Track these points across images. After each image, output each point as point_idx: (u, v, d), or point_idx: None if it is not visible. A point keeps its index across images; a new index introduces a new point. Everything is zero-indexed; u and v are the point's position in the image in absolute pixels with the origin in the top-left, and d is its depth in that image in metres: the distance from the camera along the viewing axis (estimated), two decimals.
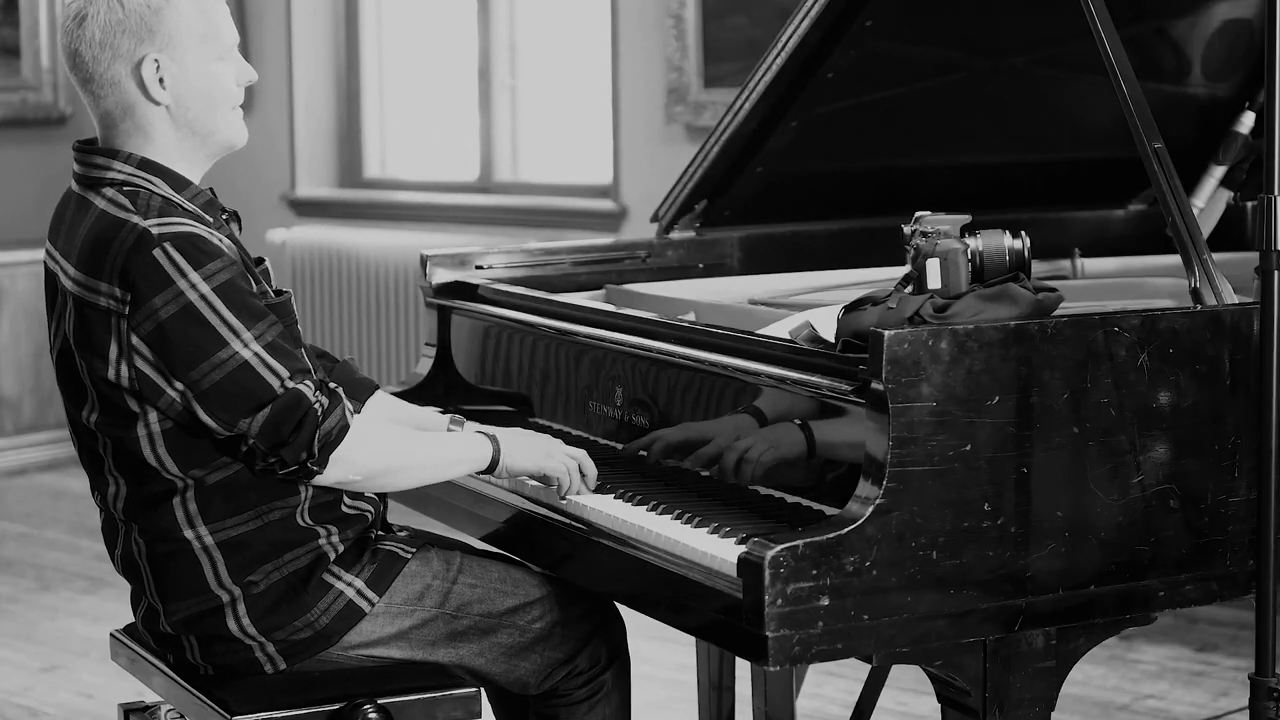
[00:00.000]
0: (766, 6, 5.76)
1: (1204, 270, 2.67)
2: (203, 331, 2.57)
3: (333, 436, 2.61)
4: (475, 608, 2.80)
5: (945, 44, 3.41)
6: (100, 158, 2.69)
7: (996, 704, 2.51)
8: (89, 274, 2.62)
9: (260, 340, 2.59)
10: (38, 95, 7.72)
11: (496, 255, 3.49)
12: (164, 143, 2.69)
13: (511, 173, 6.93)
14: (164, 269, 2.57)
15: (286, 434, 2.58)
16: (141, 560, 2.73)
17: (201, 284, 2.57)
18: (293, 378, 2.59)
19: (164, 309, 2.57)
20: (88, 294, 2.62)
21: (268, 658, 2.73)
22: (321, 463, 2.61)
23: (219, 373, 2.57)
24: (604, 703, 2.86)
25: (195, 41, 2.67)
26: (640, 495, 2.78)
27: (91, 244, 2.63)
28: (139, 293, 2.57)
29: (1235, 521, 2.61)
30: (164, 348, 2.58)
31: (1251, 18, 3.57)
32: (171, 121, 2.69)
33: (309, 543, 2.71)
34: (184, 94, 2.68)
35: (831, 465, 2.58)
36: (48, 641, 5.07)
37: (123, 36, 2.64)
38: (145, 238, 2.58)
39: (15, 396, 7.22)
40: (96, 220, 2.64)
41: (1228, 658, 4.72)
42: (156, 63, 2.65)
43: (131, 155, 2.68)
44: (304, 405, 2.58)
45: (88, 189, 2.70)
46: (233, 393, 2.57)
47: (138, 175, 2.67)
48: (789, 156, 3.50)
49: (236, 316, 2.58)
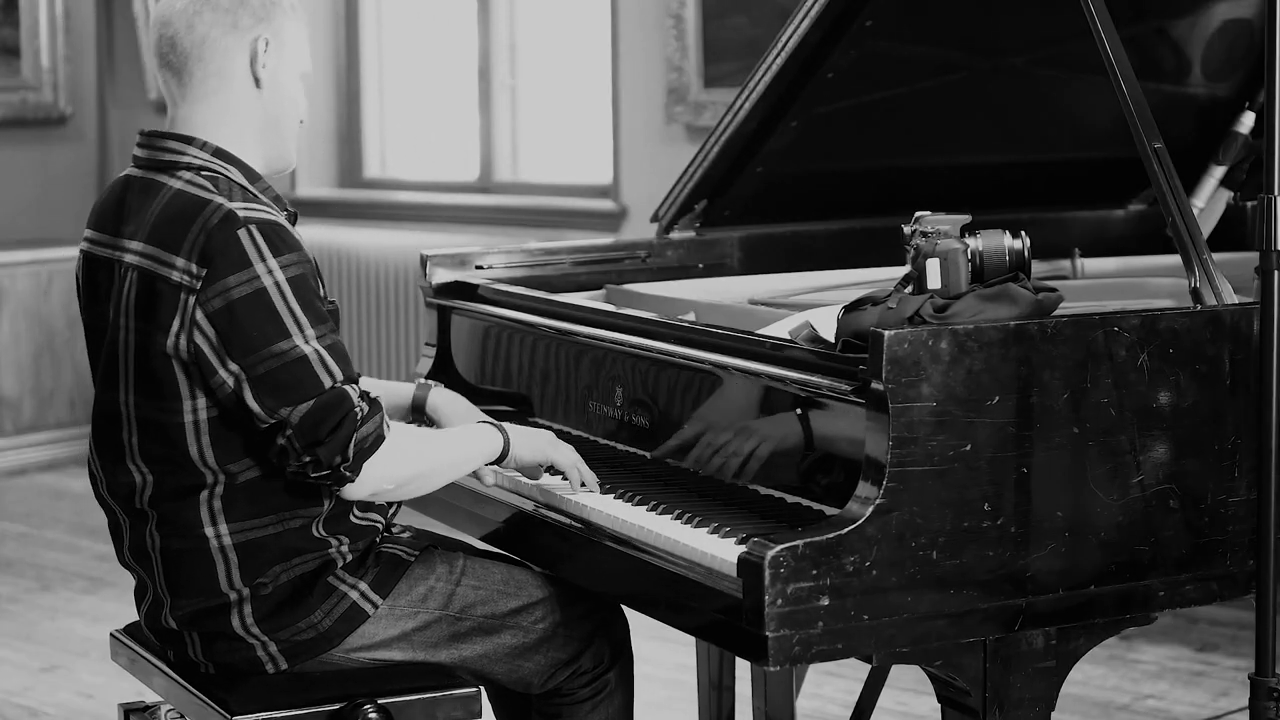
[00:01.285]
0: (766, 6, 5.76)
1: (1204, 270, 2.67)
2: (270, 319, 2.58)
3: (368, 444, 2.61)
4: (478, 609, 2.80)
5: (945, 44, 3.41)
6: (174, 143, 2.72)
7: (996, 704, 2.51)
8: (163, 248, 2.63)
9: (321, 340, 2.61)
10: (38, 95, 7.72)
11: (496, 255, 3.49)
12: (243, 127, 2.74)
13: (511, 173, 6.93)
14: (245, 250, 2.59)
15: (324, 432, 2.58)
16: (154, 553, 2.73)
17: (278, 271, 2.60)
18: (344, 381, 2.61)
19: (237, 289, 2.58)
20: (159, 267, 2.63)
21: (270, 657, 2.73)
22: (355, 469, 2.61)
23: (276, 361, 2.58)
24: (607, 701, 2.87)
25: (294, 49, 2.77)
26: (640, 495, 2.78)
27: (169, 219, 2.64)
28: (215, 269, 2.58)
29: (1235, 521, 2.61)
30: (228, 327, 2.58)
31: (1251, 18, 3.57)
32: (261, 107, 2.74)
33: (320, 551, 2.72)
34: (277, 89, 2.75)
35: (831, 465, 2.58)
36: (48, 641, 5.07)
37: (244, 10, 2.71)
38: (231, 217, 2.60)
39: (15, 396, 7.22)
40: (174, 198, 2.66)
41: (1228, 658, 4.72)
42: (266, 42, 2.72)
43: (206, 144, 2.72)
44: (346, 405, 2.59)
45: (157, 172, 2.71)
46: (285, 382, 2.58)
47: (214, 162, 2.71)
48: (789, 156, 3.50)
49: (304, 312, 2.60)
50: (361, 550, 2.76)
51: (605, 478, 2.86)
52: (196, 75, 2.72)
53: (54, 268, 7.30)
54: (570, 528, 2.80)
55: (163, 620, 2.77)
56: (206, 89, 2.73)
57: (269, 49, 2.72)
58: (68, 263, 7.35)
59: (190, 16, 2.71)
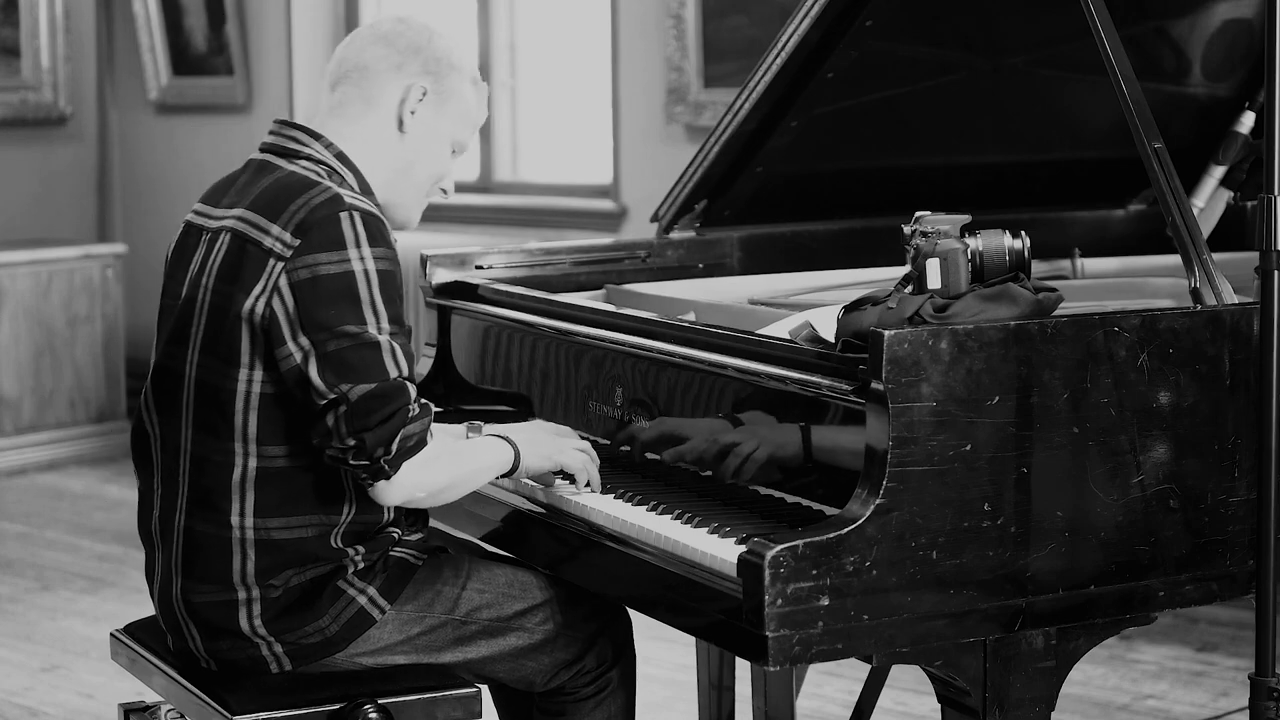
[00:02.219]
0: (766, 6, 5.76)
1: (1204, 270, 2.67)
2: (350, 302, 2.62)
3: (411, 443, 2.62)
4: (484, 613, 2.80)
5: (945, 44, 3.41)
6: (303, 134, 2.79)
7: (996, 704, 2.51)
8: (264, 215, 2.67)
9: (395, 338, 2.64)
10: (38, 95, 7.72)
11: (496, 255, 3.49)
12: (373, 157, 2.79)
13: (511, 173, 6.93)
14: (343, 232, 2.63)
15: (376, 420, 2.59)
16: (178, 530, 2.74)
17: (370, 260, 2.63)
18: (409, 378, 2.64)
19: (327, 265, 2.62)
20: (254, 231, 2.67)
21: (274, 657, 2.73)
22: (395, 465, 2.62)
23: (348, 341, 2.61)
24: (610, 700, 2.87)
25: (455, 115, 2.83)
26: (640, 495, 2.78)
27: (275, 192, 2.69)
28: (309, 242, 2.62)
29: (1235, 521, 2.61)
30: (310, 300, 2.61)
31: (1251, 18, 3.57)
32: (395, 150, 2.81)
33: (336, 560, 2.73)
34: (419, 136, 2.81)
35: (831, 465, 2.58)
36: (48, 641, 5.07)
37: (416, 59, 2.79)
38: (337, 199, 2.66)
39: (15, 396, 7.22)
40: (285, 177, 2.72)
41: (1228, 658, 4.72)
42: (424, 91, 2.78)
43: (333, 145, 2.78)
44: (403, 399, 2.61)
45: (277, 156, 2.77)
46: (352, 362, 2.60)
47: (333, 163, 2.76)
48: (789, 156, 3.50)
49: (385, 306, 2.63)
50: (374, 558, 2.76)
51: (605, 477, 2.87)
52: (348, 94, 2.80)
53: (54, 268, 7.31)
54: (570, 528, 2.80)
55: (174, 600, 2.77)
56: (351, 110, 2.79)
57: (424, 99, 2.78)
58: (68, 263, 7.36)
59: (365, 43, 2.81)
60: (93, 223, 8.09)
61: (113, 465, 7.28)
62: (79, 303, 7.37)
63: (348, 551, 2.72)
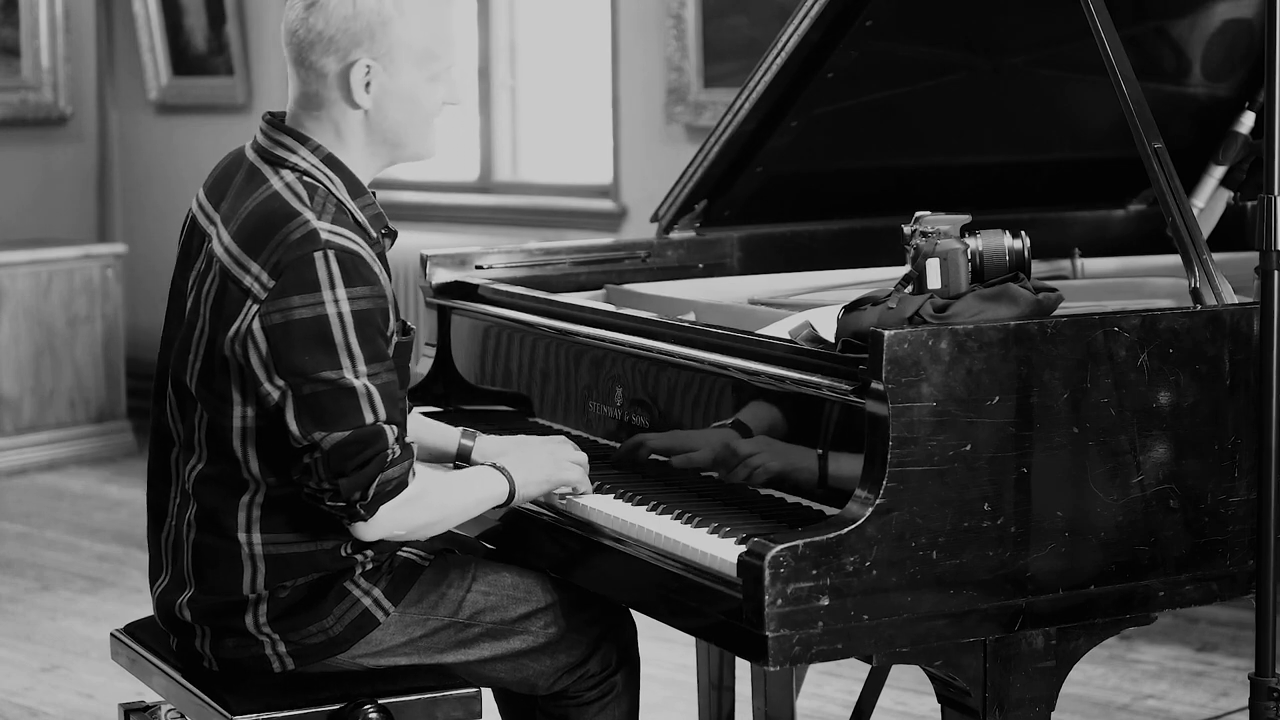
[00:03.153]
0: (766, 6, 5.76)
1: (1204, 270, 2.67)
2: (324, 347, 2.57)
3: (390, 488, 2.60)
4: (488, 615, 2.80)
5: (945, 44, 3.40)
6: (289, 138, 2.71)
7: (996, 704, 2.51)
8: (246, 251, 2.62)
9: (373, 378, 2.59)
10: (38, 95, 7.72)
11: (496, 255, 3.49)
12: (352, 143, 2.72)
13: (511, 173, 6.93)
14: (317, 274, 2.57)
15: (352, 466, 2.58)
16: (187, 543, 2.73)
17: (344, 303, 2.58)
18: (385, 421, 2.60)
19: (299, 310, 2.57)
20: (236, 268, 2.63)
21: (277, 656, 2.73)
22: (371, 509, 2.60)
23: (323, 386, 2.57)
24: (614, 704, 2.87)
25: (414, 57, 2.69)
26: (640, 495, 2.78)
27: (257, 223, 2.63)
28: (283, 284, 2.58)
29: (1235, 521, 2.61)
30: (282, 345, 2.58)
31: (1251, 18, 3.57)
32: (365, 125, 2.71)
33: (344, 564, 2.73)
34: (386, 104, 2.69)
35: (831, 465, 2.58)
36: (48, 641, 5.07)
37: (344, 35, 2.65)
38: (313, 236, 2.59)
39: (15, 396, 7.22)
40: (269, 199, 2.65)
41: (1228, 658, 4.72)
42: (368, 68, 2.66)
43: (320, 148, 2.70)
44: (380, 444, 2.58)
45: (266, 163, 2.71)
46: (328, 407, 2.57)
47: (320, 169, 2.69)
48: (789, 156, 3.50)
49: (361, 347, 2.58)
50: (381, 560, 2.76)
51: (605, 478, 2.86)
52: (308, 92, 2.70)
53: (54, 268, 7.30)
54: (569, 529, 2.80)
55: (176, 610, 2.76)
56: (311, 103, 2.70)
57: (370, 73, 2.66)
58: (68, 263, 7.36)
59: (291, 30, 2.68)
60: (93, 223, 8.09)
61: (113, 465, 7.27)
62: (79, 303, 7.37)
63: (356, 558, 2.73)
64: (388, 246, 2.77)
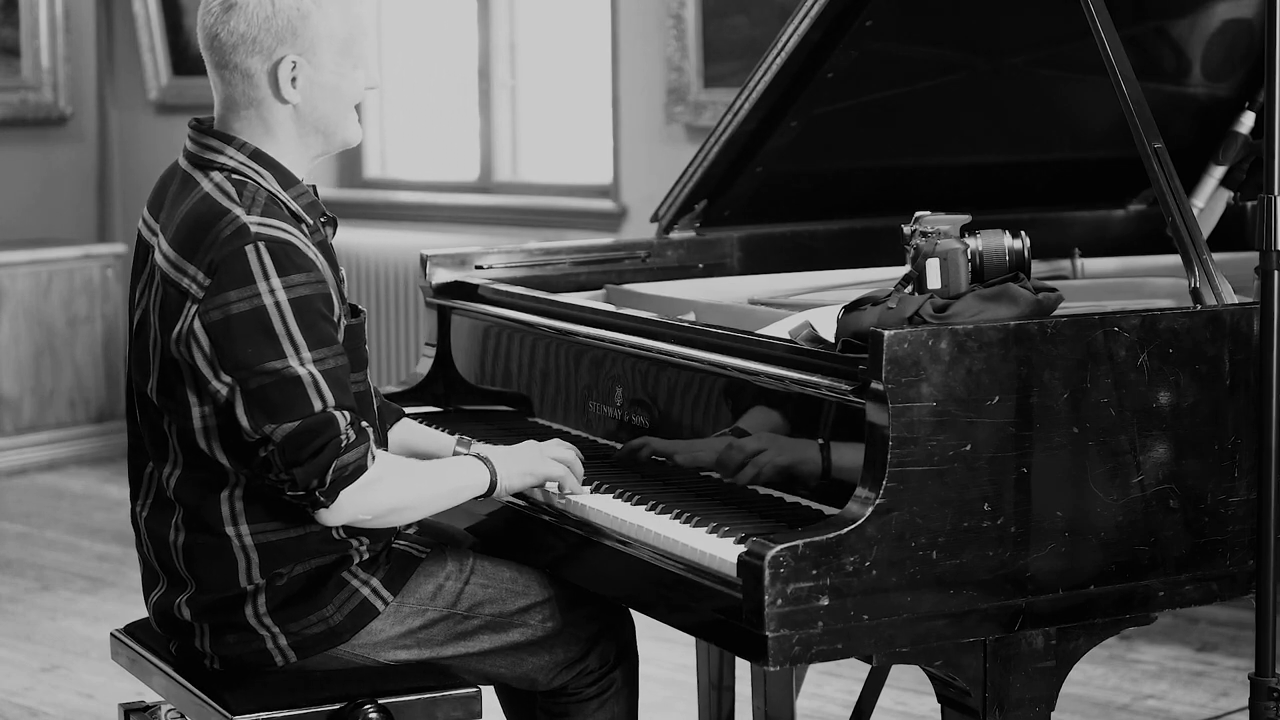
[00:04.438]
0: (766, 6, 5.76)
1: (1204, 270, 2.67)
2: (266, 338, 2.58)
3: (347, 472, 2.60)
4: (487, 608, 2.80)
5: (945, 44, 3.41)
6: (215, 140, 2.72)
7: (996, 704, 2.51)
8: (181, 254, 2.64)
9: (319, 365, 2.60)
10: (38, 95, 7.72)
11: (496, 255, 3.49)
12: (283, 137, 2.73)
13: (511, 173, 6.93)
14: (249, 266, 2.58)
15: (305, 455, 2.58)
16: (176, 546, 2.73)
17: (280, 291, 2.59)
18: (335, 407, 2.60)
19: (237, 304, 2.58)
20: (174, 273, 2.64)
21: (279, 649, 2.73)
22: (330, 495, 2.60)
23: (269, 378, 2.58)
24: (613, 701, 2.87)
25: (336, 48, 2.71)
26: (639, 495, 2.78)
27: (190, 226, 2.64)
28: (218, 281, 2.59)
29: (1235, 521, 2.61)
30: (224, 341, 2.58)
31: (1251, 18, 3.57)
32: (295, 119, 2.72)
33: (340, 550, 2.73)
34: (315, 96, 2.71)
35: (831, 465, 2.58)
36: (48, 641, 5.07)
37: (266, 34, 2.67)
38: (242, 231, 2.60)
39: (15, 396, 7.22)
40: (199, 202, 2.66)
41: (1228, 658, 4.72)
42: (294, 64, 2.68)
43: (245, 144, 2.70)
44: (331, 431, 2.59)
45: (196, 168, 2.72)
46: (275, 399, 2.58)
47: (248, 165, 2.69)
48: (789, 156, 3.50)
49: (303, 334, 2.59)
50: (378, 549, 2.77)
51: (604, 477, 2.86)
52: (228, 90, 2.71)
53: (54, 268, 7.31)
54: (568, 528, 2.80)
55: (175, 611, 2.77)
56: (237, 104, 2.71)
57: (296, 68, 2.68)
58: (68, 263, 7.36)
59: (211, 35, 2.69)
60: (93, 223, 8.08)
61: (113, 465, 7.27)
62: (79, 303, 7.37)
63: (350, 542, 2.73)
64: (329, 235, 2.78)
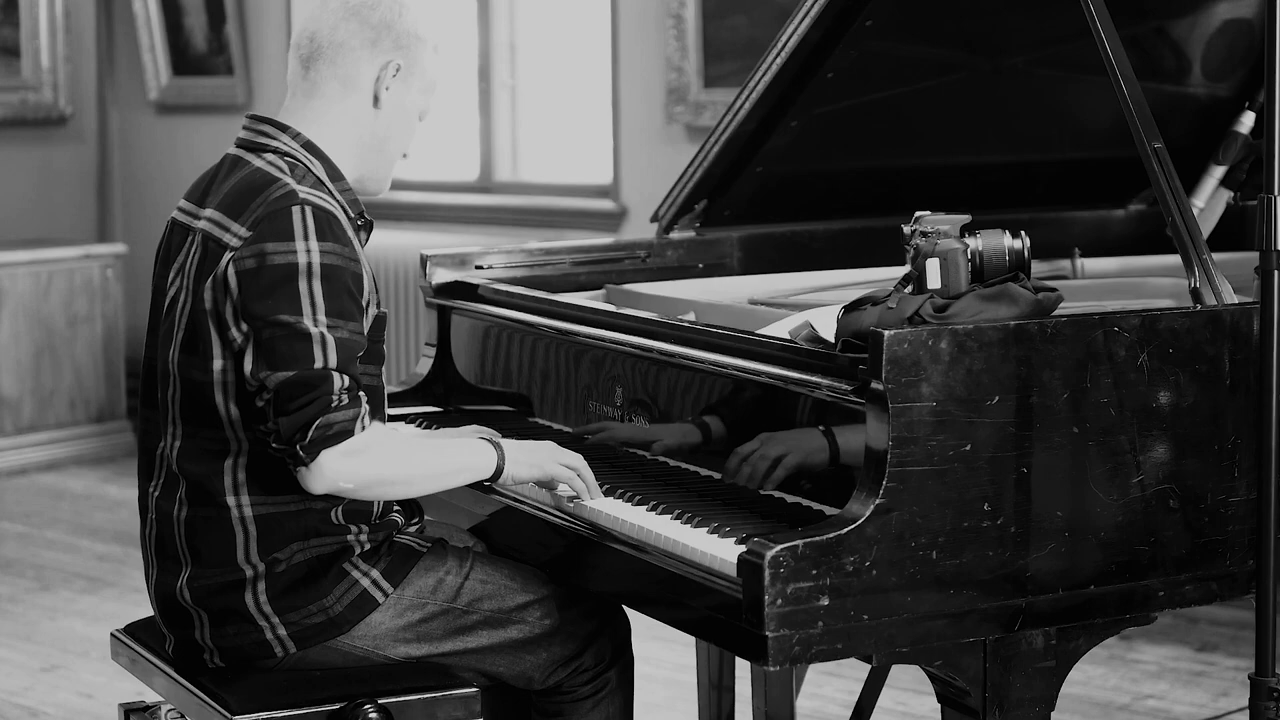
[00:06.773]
0: (766, 6, 5.76)
1: (1204, 270, 2.67)
2: (289, 292, 2.63)
3: (330, 433, 2.61)
4: (485, 604, 2.81)
5: (945, 44, 3.41)
6: (270, 127, 2.82)
7: (996, 704, 2.51)
8: (227, 214, 2.71)
9: (333, 330, 2.64)
10: (38, 95, 7.72)
11: (496, 255, 3.49)
12: (345, 142, 2.82)
13: (511, 173, 6.94)
14: (293, 225, 2.65)
15: (294, 406, 2.60)
16: (179, 522, 2.74)
17: (315, 254, 2.65)
18: (337, 369, 2.63)
19: (272, 255, 2.64)
20: (217, 230, 2.71)
21: (278, 640, 2.73)
22: (311, 453, 2.61)
23: (280, 330, 2.62)
24: (608, 700, 2.88)
25: (422, 84, 2.87)
26: (640, 495, 2.78)
27: (239, 192, 2.73)
28: (259, 232, 2.66)
29: (1235, 521, 2.61)
30: (252, 288, 2.64)
31: (1251, 18, 3.57)
32: (371, 125, 2.83)
33: (339, 536, 2.74)
34: (393, 111, 2.84)
35: (831, 465, 2.58)
36: (48, 641, 5.08)
37: (389, 35, 2.82)
38: (292, 194, 2.68)
39: (15, 396, 7.22)
40: (250, 174, 2.75)
41: (1228, 658, 4.72)
42: (398, 68, 2.82)
43: (299, 135, 2.80)
44: (325, 387, 2.61)
45: (248, 151, 2.81)
46: (281, 350, 2.62)
47: (300, 153, 2.79)
48: (789, 156, 3.50)
49: (325, 300, 2.64)
50: (378, 541, 2.77)
51: (604, 477, 2.86)
52: (324, 74, 2.81)
53: (54, 268, 7.31)
54: (569, 528, 2.80)
55: (178, 595, 2.77)
56: (327, 90, 2.81)
57: (398, 75, 2.81)
58: (68, 263, 7.36)
59: (337, 20, 2.81)
60: (93, 223, 8.09)
61: (113, 465, 7.28)
62: (79, 303, 7.37)
63: (350, 528, 2.74)
64: (364, 240, 2.82)
